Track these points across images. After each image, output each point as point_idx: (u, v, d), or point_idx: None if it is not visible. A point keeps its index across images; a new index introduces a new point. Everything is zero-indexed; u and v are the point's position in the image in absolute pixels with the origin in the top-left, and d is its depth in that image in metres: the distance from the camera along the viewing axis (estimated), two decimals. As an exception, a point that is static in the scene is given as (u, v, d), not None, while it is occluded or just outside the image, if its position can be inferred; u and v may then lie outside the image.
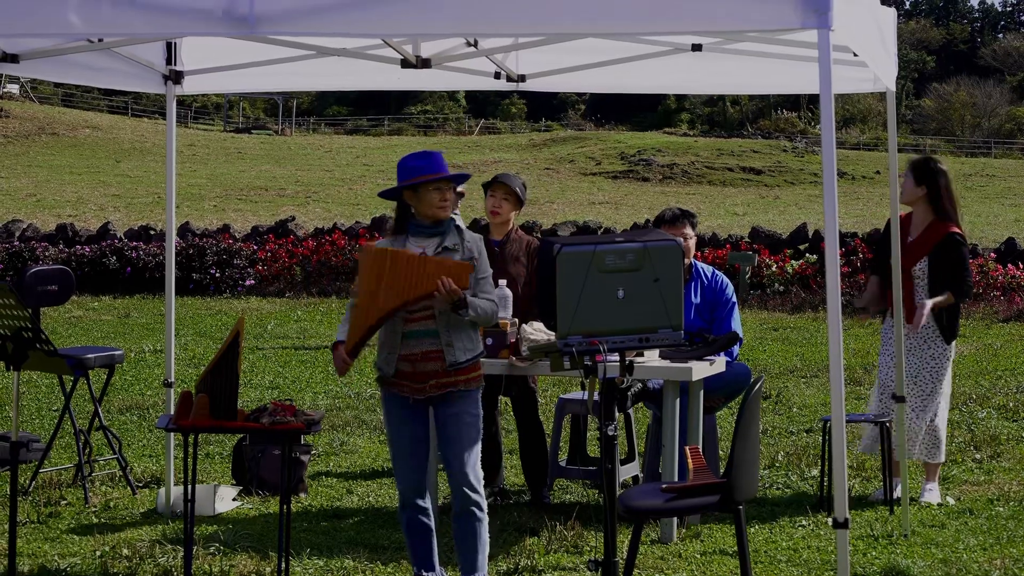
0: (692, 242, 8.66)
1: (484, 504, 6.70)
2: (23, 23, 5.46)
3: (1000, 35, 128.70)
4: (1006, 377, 14.41)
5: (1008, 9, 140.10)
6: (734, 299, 8.72)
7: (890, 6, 7.44)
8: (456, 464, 6.64)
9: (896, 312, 8.21)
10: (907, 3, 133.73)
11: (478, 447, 6.68)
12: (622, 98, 74.20)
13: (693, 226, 8.69)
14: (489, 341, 7.57)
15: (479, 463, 6.69)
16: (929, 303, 8.68)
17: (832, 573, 7.21)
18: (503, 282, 7.68)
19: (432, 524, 6.85)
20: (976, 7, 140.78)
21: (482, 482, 6.72)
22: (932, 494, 8.86)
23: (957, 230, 8.91)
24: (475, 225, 12.02)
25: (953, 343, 8.98)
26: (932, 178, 8.90)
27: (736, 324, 8.60)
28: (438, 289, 6.38)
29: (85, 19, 5.31)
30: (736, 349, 8.58)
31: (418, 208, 6.64)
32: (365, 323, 6.56)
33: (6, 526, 7.29)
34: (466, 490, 6.63)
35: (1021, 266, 21.00)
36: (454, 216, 7.21)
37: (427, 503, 6.82)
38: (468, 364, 6.62)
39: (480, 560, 6.72)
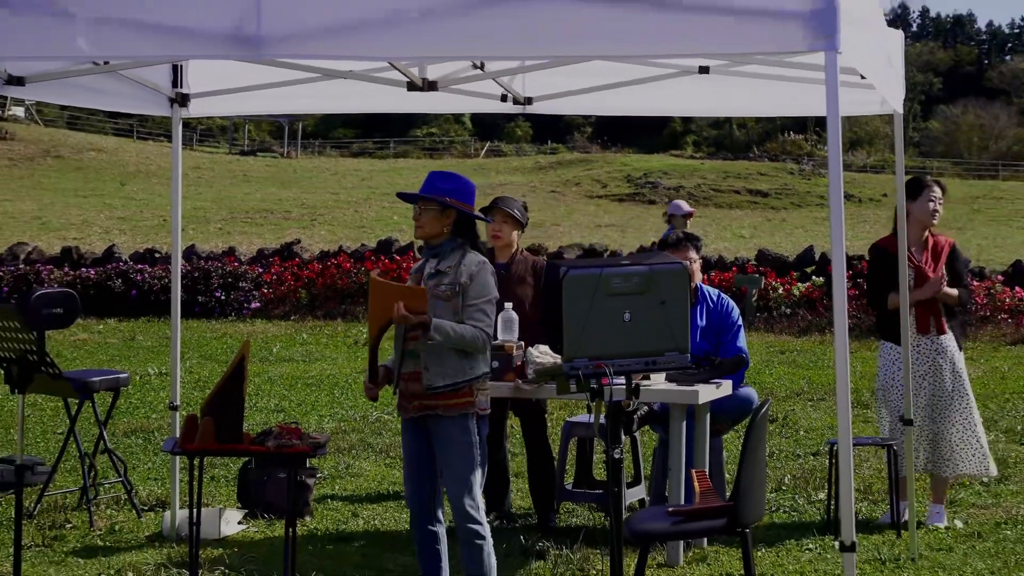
0: (697, 265, 8.65)
1: (485, 530, 6.68)
2: (29, 46, 5.47)
3: (1007, 57, 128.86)
4: (1014, 400, 14.40)
5: (1016, 31, 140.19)
6: (740, 322, 8.73)
7: (897, 28, 7.45)
8: (452, 490, 6.66)
9: (904, 335, 8.23)
10: (914, 25, 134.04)
11: (475, 474, 6.66)
12: (628, 121, 74.28)
13: (697, 249, 8.70)
14: (495, 364, 7.54)
15: (477, 489, 6.67)
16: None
17: (840, 597, 7.21)
18: (509, 305, 7.69)
19: (442, 547, 6.86)
20: (983, 29, 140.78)
21: (481, 508, 6.71)
22: (939, 517, 8.87)
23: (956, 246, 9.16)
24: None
25: (958, 355, 9.06)
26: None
27: (742, 347, 8.61)
28: (394, 313, 6.45)
29: (92, 42, 5.32)
30: (743, 372, 8.59)
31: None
32: (370, 346, 6.70)
33: (11, 549, 7.30)
34: (461, 519, 6.64)
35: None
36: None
37: (437, 527, 6.83)
38: (446, 390, 6.59)
39: (483, 583, 6.74)
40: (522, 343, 7.85)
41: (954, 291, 8.90)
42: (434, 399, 6.60)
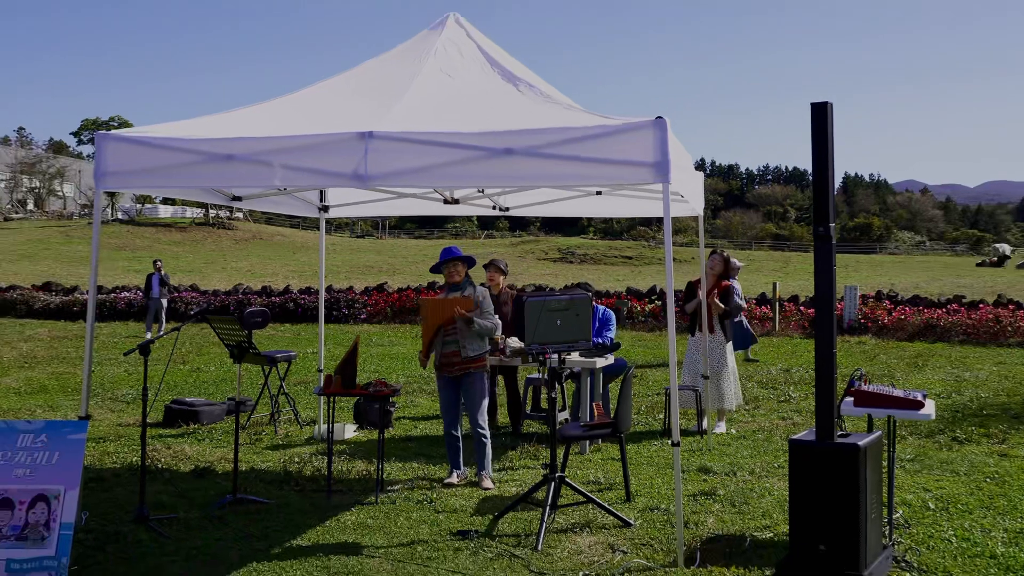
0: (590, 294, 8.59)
1: (487, 434, 6.68)
2: (247, 181, 5.47)
3: (757, 186, 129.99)
4: (764, 365, 14.39)
5: (760, 172, 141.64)
6: (614, 324, 8.70)
7: (699, 170, 7.48)
8: (471, 412, 6.65)
9: (703, 330, 8.21)
10: (708, 168, 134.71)
11: (484, 403, 6.67)
12: (559, 219, 74.34)
13: (589, 289, 8.61)
14: (491, 347, 7.53)
15: (484, 411, 6.67)
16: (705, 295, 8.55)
17: (670, 470, 7.18)
18: (495, 316, 7.66)
19: (460, 444, 6.83)
20: (744, 171, 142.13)
21: (487, 420, 6.71)
22: (721, 427, 8.84)
23: (732, 283, 8.99)
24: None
25: (729, 344, 8.91)
26: (726, 262, 8.97)
27: (612, 337, 8.56)
28: (456, 313, 6.47)
29: (282, 180, 5.33)
30: (618, 351, 8.54)
31: (445, 276, 6.68)
32: (427, 338, 6.65)
33: (232, 447, 7.22)
34: (476, 428, 6.64)
35: (769, 307, 20.95)
36: (474, 283, 7.09)
37: (457, 432, 6.81)
38: (476, 357, 6.61)
39: (485, 463, 6.70)
40: (503, 336, 7.85)
41: (720, 305, 8.75)
42: (469, 363, 6.59)
